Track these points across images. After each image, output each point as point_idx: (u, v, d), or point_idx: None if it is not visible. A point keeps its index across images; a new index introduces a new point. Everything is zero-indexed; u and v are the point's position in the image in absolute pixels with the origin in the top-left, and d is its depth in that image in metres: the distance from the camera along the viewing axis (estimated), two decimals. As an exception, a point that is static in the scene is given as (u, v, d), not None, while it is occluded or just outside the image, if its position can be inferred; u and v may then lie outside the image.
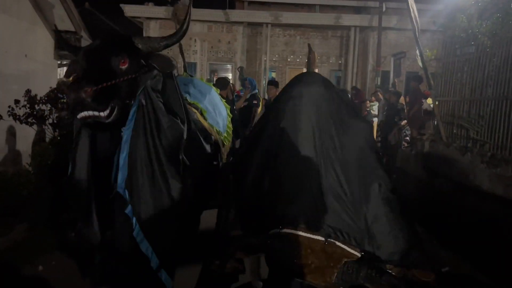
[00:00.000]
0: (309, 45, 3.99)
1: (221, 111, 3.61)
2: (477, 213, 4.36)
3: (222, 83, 5.98)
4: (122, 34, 2.32)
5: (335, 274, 1.36)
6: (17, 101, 4.66)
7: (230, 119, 3.90)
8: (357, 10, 15.57)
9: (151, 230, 2.04)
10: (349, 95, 8.78)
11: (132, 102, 2.05)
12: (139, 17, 14.49)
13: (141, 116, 2.06)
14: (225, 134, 3.56)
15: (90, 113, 1.84)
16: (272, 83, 7.32)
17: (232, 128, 3.93)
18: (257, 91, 7.94)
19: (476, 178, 4.67)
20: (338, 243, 1.41)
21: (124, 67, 2.02)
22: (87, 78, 1.84)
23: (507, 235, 3.83)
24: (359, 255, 1.43)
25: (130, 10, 14.16)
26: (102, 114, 1.88)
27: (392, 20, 13.75)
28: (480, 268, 3.80)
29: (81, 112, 1.83)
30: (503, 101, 4.79)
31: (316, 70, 3.08)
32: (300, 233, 1.44)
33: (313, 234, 1.42)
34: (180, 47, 5.83)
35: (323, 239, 1.40)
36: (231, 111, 4.45)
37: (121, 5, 13.86)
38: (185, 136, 2.23)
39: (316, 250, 1.38)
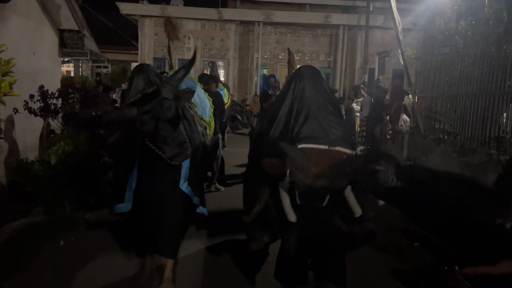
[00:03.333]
0: (288, 49, 4.60)
1: (206, 103, 4.26)
2: (448, 195, 4.91)
3: (205, 80, 6.15)
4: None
5: (337, 171, 2.14)
6: (31, 96, 5.06)
7: (212, 110, 4.50)
8: (346, 9, 16.10)
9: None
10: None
11: None
12: (134, 15, 14.87)
13: None
14: (209, 122, 4.20)
15: None
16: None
17: (213, 118, 4.53)
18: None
19: (448, 166, 5.22)
20: (338, 148, 2.22)
21: None
22: None
23: (472, 214, 4.37)
24: (353, 153, 2.26)
25: (125, 8, 14.53)
26: None
27: (379, 19, 14.31)
28: (447, 241, 4.34)
29: None
30: (472, 98, 5.33)
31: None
32: (311, 146, 2.24)
33: (319, 145, 2.23)
34: (168, 49, 6.18)
35: (327, 147, 2.20)
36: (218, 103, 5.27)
37: (116, 3, 14.23)
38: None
39: (323, 156, 2.17)
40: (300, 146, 2.25)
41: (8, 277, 3.26)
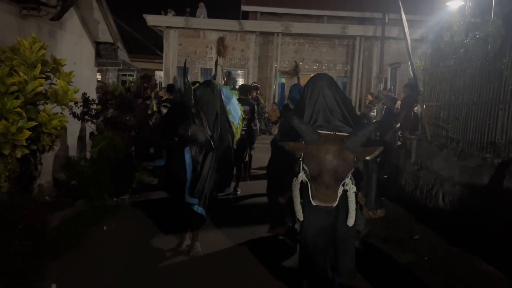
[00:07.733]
0: (295, 61, 5.24)
1: (238, 112, 4.93)
2: (449, 196, 5.37)
3: (245, 89, 6.98)
4: None
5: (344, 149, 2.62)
6: (76, 102, 5.75)
7: (242, 118, 5.16)
8: (362, 20, 16.62)
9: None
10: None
11: None
12: (160, 26, 15.69)
13: None
14: (239, 129, 4.85)
15: None
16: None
17: (241, 125, 5.18)
18: None
19: (450, 169, 5.67)
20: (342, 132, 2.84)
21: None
22: None
23: (470, 212, 4.84)
24: None
25: (152, 20, 15.36)
26: None
27: (394, 30, 14.75)
28: (445, 237, 4.81)
29: None
30: (473, 106, 5.78)
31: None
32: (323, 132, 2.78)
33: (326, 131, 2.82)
34: (216, 63, 6.91)
35: (332, 132, 2.81)
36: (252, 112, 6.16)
37: (143, 15, 15.08)
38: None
39: (330, 138, 2.68)
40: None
41: (64, 251, 3.90)
